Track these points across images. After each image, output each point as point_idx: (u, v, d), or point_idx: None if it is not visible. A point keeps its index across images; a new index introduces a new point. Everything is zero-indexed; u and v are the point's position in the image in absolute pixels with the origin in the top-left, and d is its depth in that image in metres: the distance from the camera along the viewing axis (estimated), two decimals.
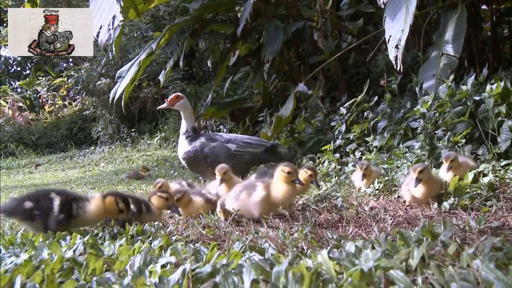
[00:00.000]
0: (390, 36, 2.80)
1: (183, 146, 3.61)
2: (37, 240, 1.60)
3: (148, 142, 9.77)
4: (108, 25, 4.25)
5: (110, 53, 10.02)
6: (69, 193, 1.88)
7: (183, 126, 3.65)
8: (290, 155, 3.86)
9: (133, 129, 10.65)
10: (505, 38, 5.00)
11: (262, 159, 3.72)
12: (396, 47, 2.73)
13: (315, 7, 5.09)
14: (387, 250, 1.16)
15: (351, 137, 3.58)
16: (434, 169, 2.58)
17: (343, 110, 3.74)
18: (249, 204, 1.89)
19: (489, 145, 2.51)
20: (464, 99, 2.71)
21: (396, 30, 2.77)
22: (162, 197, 2.00)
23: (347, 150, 3.54)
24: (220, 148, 3.52)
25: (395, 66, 2.74)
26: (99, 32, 4.47)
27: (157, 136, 9.69)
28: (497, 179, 2.16)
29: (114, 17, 4.14)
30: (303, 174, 2.05)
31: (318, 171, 3.28)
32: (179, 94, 3.71)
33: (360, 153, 3.30)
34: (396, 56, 2.73)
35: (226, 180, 2.32)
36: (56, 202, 1.78)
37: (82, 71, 10.43)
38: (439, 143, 2.68)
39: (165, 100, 3.72)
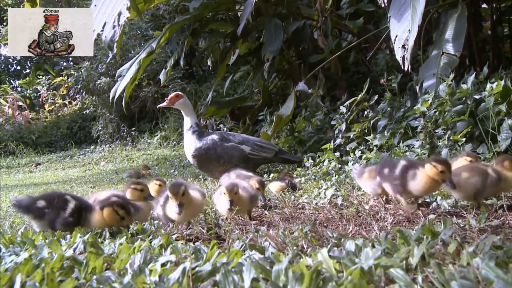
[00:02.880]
0: (396, 36, 2.79)
1: (192, 142, 3.57)
2: (37, 239, 1.60)
3: (148, 141, 9.77)
4: (113, 22, 4.22)
5: (110, 52, 10.02)
6: (83, 200, 1.91)
7: (187, 122, 3.64)
8: (297, 157, 3.87)
9: (133, 128, 10.66)
10: (505, 36, 5.00)
11: (269, 161, 3.76)
12: (403, 47, 2.72)
13: (315, 6, 5.08)
14: (387, 248, 1.16)
15: (351, 136, 3.58)
16: None
17: (343, 109, 3.74)
18: None
19: (489, 144, 2.51)
20: (464, 98, 2.71)
21: (403, 30, 2.76)
22: (136, 189, 1.98)
23: (347, 149, 3.54)
24: (234, 149, 3.51)
25: (402, 66, 2.73)
26: (102, 29, 4.44)
27: (157, 135, 9.69)
28: None
29: (120, 14, 4.11)
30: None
31: (318, 170, 3.29)
32: (179, 92, 3.71)
33: (360, 151, 3.30)
34: (404, 56, 2.72)
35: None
36: (71, 206, 1.81)
37: (82, 70, 10.43)
38: (439, 142, 2.68)
39: (165, 98, 3.73)
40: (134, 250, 1.33)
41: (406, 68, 2.72)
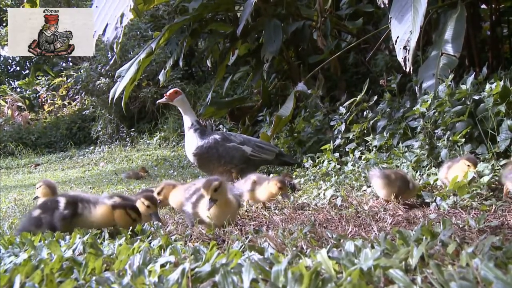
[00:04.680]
0: (398, 37, 2.79)
1: (193, 141, 3.57)
2: (36, 239, 1.60)
3: (148, 141, 9.77)
4: (116, 23, 4.21)
5: (109, 52, 10.03)
6: (75, 195, 1.90)
7: (187, 121, 3.64)
8: (294, 160, 3.87)
9: (133, 129, 10.66)
10: (505, 37, 5.00)
11: (269, 163, 3.76)
12: (405, 48, 2.72)
13: (315, 7, 5.09)
14: (386, 249, 1.16)
15: (351, 137, 3.58)
16: (434, 168, 2.58)
17: (342, 110, 3.74)
18: None
19: (489, 145, 2.51)
20: (463, 99, 2.71)
21: (404, 31, 2.76)
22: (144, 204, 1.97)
23: (347, 149, 3.54)
24: (235, 150, 3.51)
25: (404, 68, 2.74)
26: (104, 30, 4.42)
27: (156, 135, 9.69)
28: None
29: (122, 15, 4.10)
30: None
31: (318, 171, 3.29)
32: (177, 89, 3.73)
33: (359, 152, 3.30)
34: (405, 57, 2.72)
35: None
36: (62, 201, 1.81)
37: (82, 71, 10.43)
38: (439, 143, 2.68)
39: (164, 94, 3.73)
40: (134, 251, 1.33)
41: (407, 70, 2.72)
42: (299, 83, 4.32)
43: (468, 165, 2.04)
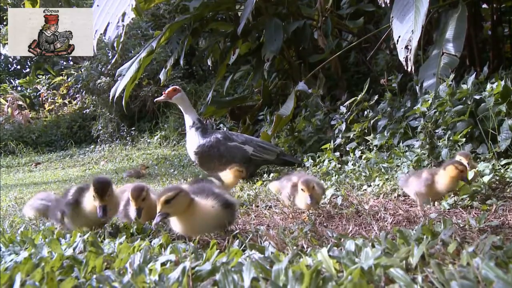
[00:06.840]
0: (399, 37, 2.79)
1: (195, 139, 3.55)
2: (36, 238, 1.60)
3: (148, 140, 9.78)
4: (118, 23, 4.20)
5: (110, 51, 10.03)
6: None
7: (188, 119, 3.61)
8: (297, 160, 3.87)
9: (133, 128, 10.66)
10: (506, 37, 5.00)
11: (270, 163, 3.76)
12: (406, 47, 2.72)
13: (316, 6, 5.08)
14: (387, 248, 1.15)
15: (351, 136, 3.59)
16: (434, 168, 2.58)
17: (343, 109, 3.74)
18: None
19: (489, 144, 2.51)
20: (464, 98, 2.71)
21: (405, 31, 2.75)
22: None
23: (347, 149, 3.54)
24: (237, 149, 3.50)
25: (405, 67, 2.73)
26: (106, 29, 4.41)
27: (157, 134, 9.70)
28: (497, 178, 2.16)
29: (124, 14, 4.08)
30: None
31: (318, 170, 3.29)
32: (177, 87, 3.69)
33: (360, 151, 3.30)
34: (407, 57, 2.71)
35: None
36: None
37: (82, 70, 10.44)
38: (439, 142, 2.68)
39: (163, 92, 3.70)
40: (134, 250, 1.33)
41: (409, 69, 2.71)
42: (300, 83, 4.32)
43: (461, 159, 2.05)
